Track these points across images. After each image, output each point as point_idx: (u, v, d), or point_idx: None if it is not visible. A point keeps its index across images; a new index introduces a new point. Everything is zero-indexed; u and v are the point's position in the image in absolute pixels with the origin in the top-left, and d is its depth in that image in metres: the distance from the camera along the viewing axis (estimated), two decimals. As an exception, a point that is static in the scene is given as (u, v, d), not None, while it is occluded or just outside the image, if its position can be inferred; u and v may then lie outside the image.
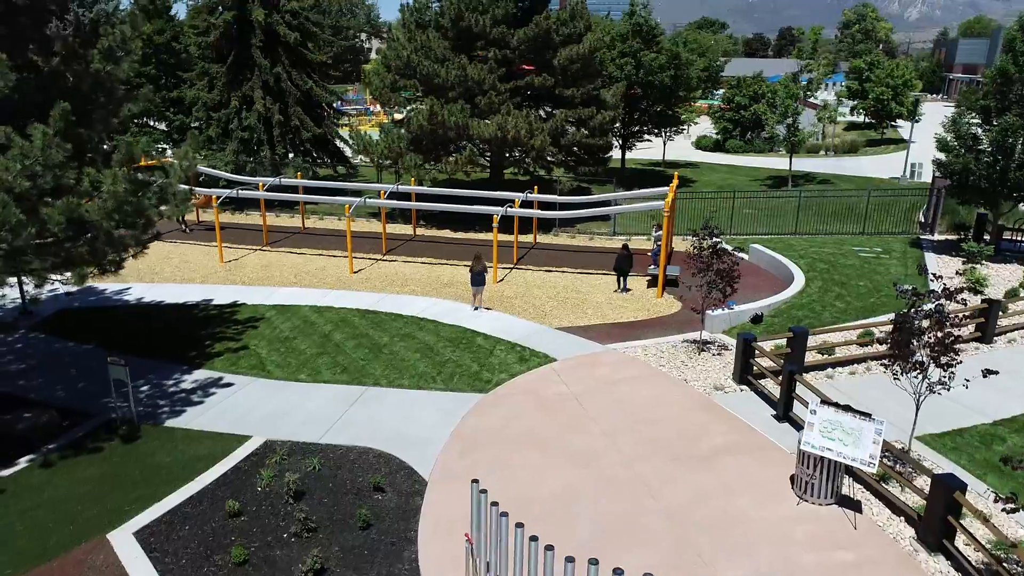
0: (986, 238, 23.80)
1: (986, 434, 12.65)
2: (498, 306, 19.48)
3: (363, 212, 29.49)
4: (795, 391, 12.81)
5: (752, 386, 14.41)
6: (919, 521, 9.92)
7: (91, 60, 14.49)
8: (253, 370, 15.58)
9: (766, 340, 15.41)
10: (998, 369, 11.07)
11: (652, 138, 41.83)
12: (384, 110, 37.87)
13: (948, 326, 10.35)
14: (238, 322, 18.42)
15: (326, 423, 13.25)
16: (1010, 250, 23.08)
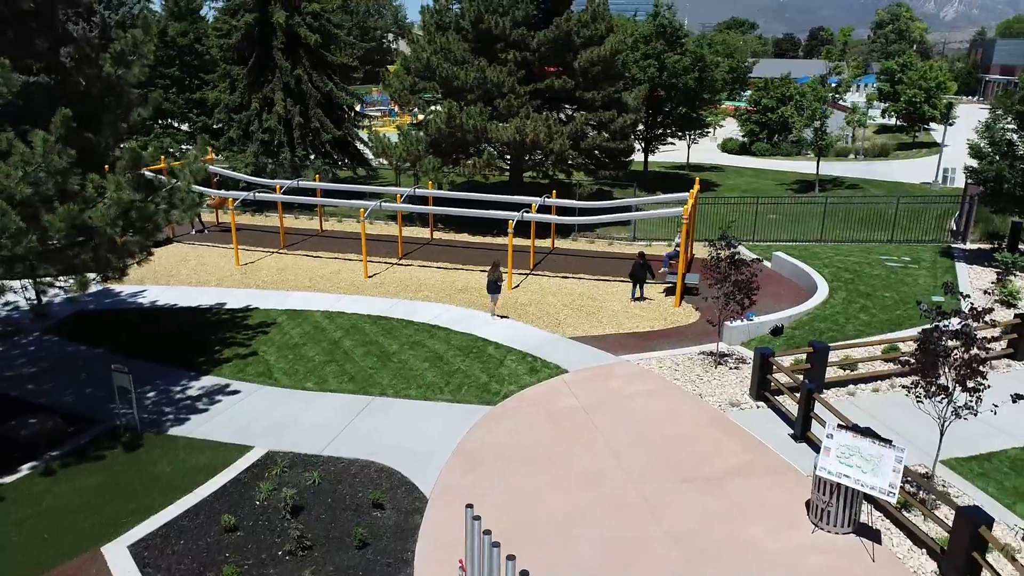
0: (1021, 248, 22.91)
1: (1017, 459, 12.02)
2: (512, 313, 19.16)
3: (381, 215, 29.34)
4: (813, 410, 12.30)
5: (769, 403, 13.90)
6: (942, 555, 9.38)
7: (103, 64, 14.47)
8: (260, 377, 15.43)
9: (785, 354, 14.88)
10: (1030, 392, 10.49)
11: (676, 141, 41.17)
12: (408, 111, 37.81)
13: (975, 347, 9.79)
14: (249, 327, 18.31)
15: (330, 434, 13.02)
16: (1046, 261, 22.19)
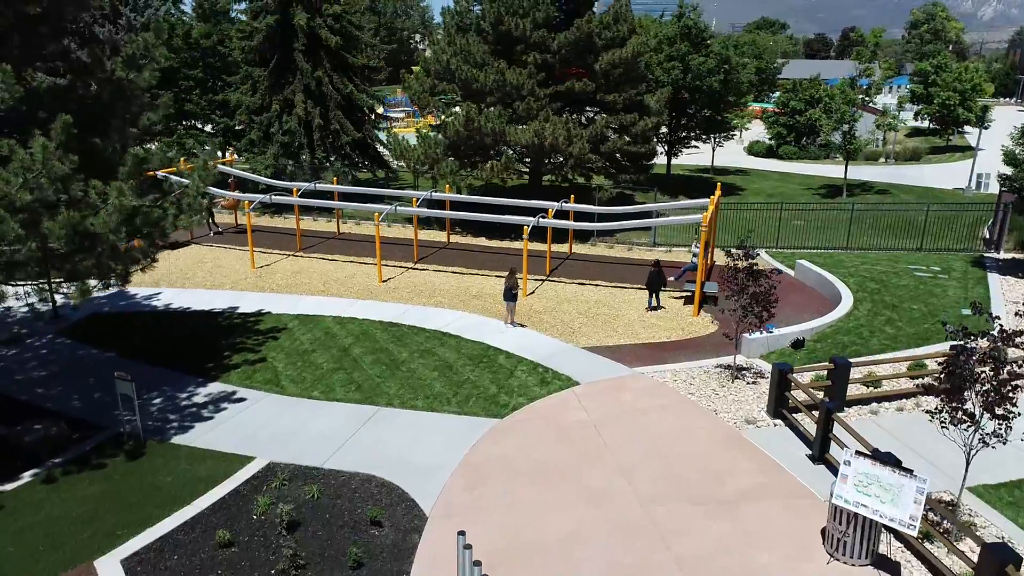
0: (1058, 259, 22.03)
1: (1049, 487, 11.39)
2: (526, 321, 18.79)
3: (399, 218, 29.14)
4: (832, 431, 11.77)
5: (787, 421, 13.38)
6: (965, 591, 8.85)
7: (114, 68, 14.39)
8: (267, 385, 15.25)
9: (805, 370, 14.31)
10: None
11: (699, 144, 40.48)
12: (429, 113, 37.61)
13: (1004, 372, 9.22)
14: (260, 332, 18.18)
15: (332, 446, 12.77)
16: (1085, 272, 21.30)
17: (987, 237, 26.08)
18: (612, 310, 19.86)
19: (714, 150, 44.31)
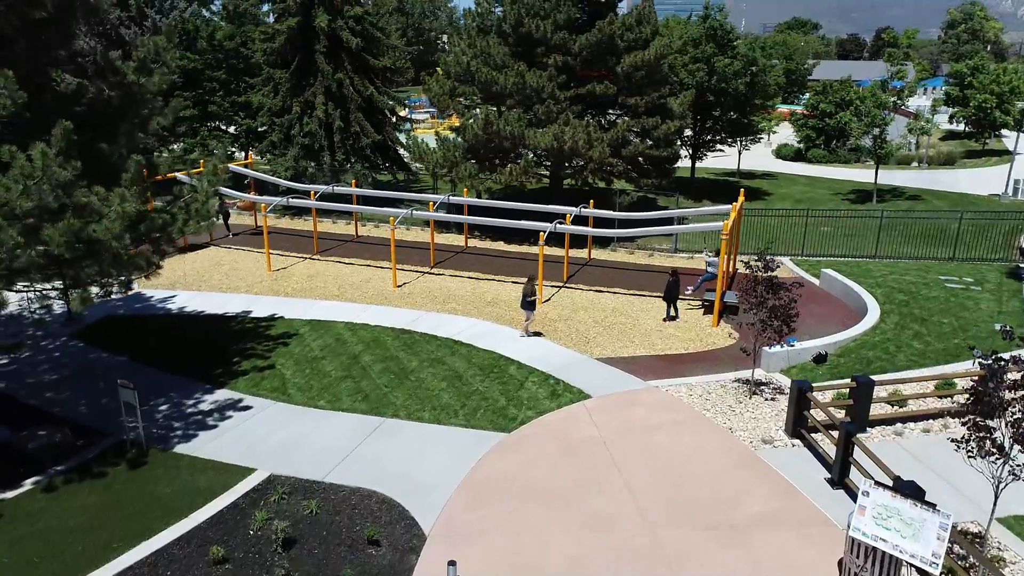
0: (1099, 271, 21.09)
1: (1086, 519, 10.73)
2: (540, 329, 18.40)
3: (418, 221, 28.93)
4: (852, 455, 11.22)
5: (806, 441, 12.83)
6: (992, 634, 8.30)
7: (126, 72, 14.31)
8: (274, 392, 15.07)
9: (826, 387, 13.74)
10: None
11: (725, 148, 39.72)
12: (451, 115, 37.42)
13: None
14: (271, 337, 18.03)
15: (335, 458, 12.52)
16: None
17: None
18: (629, 319, 19.40)
19: (740, 153, 43.48)
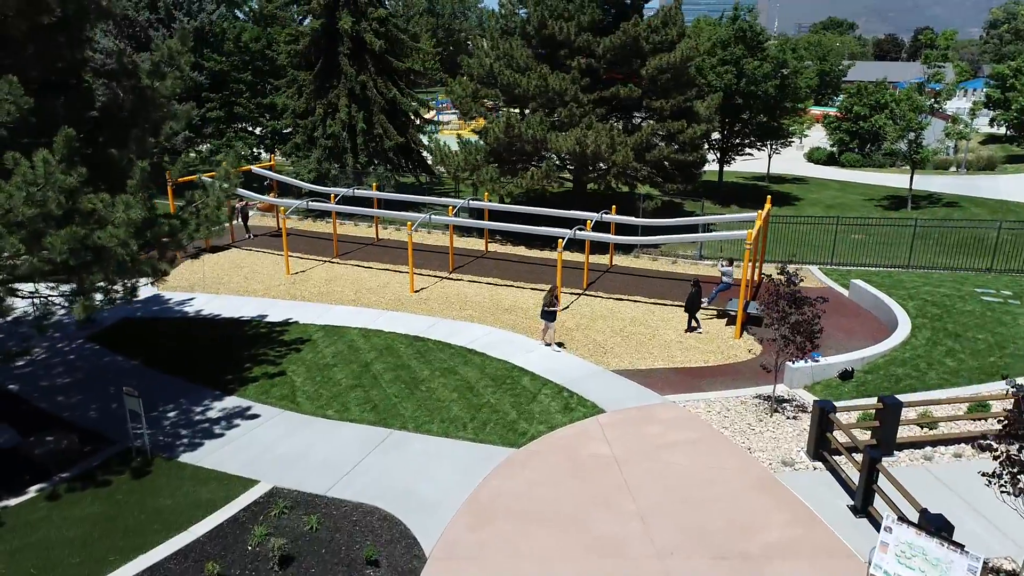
0: None
1: None
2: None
3: (438, 224, 28.69)
4: (876, 482, 10.63)
5: (828, 464, 12.24)
6: None
7: (140, 76, 14.22)
8: (283, 401, 14.88)
9: (851, 408, 13.11)
10: None
11: (753, 151, 38.84)
12: (475, 117, 37.10)
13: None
14: (284, 343, 17.88)
15: (339, 471, 12.26)
16: None
17: (1066, 258, 24.03)
18: (649, 329, 18.89)
19: (770, 157, 42.51)
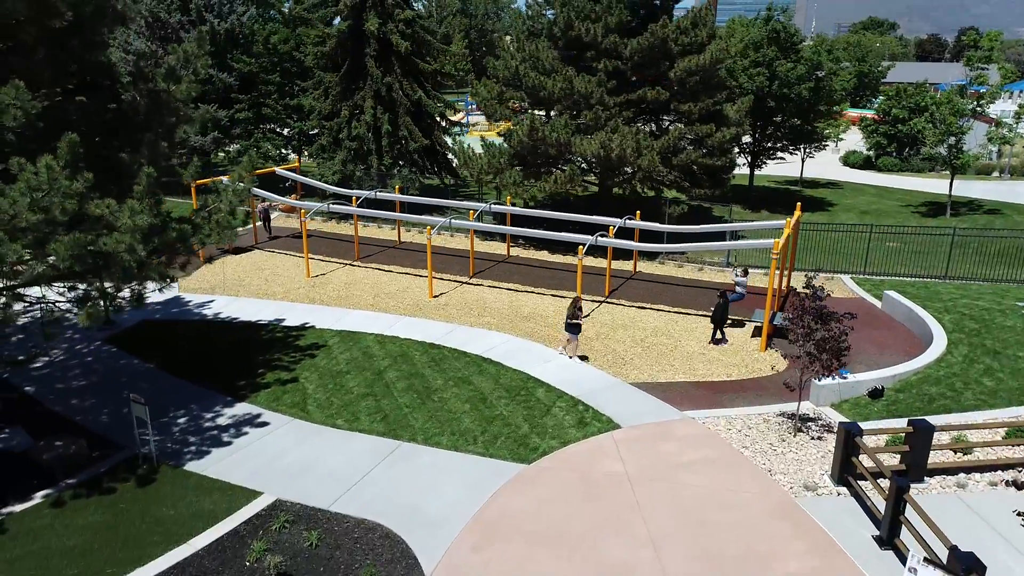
0: None
1: None
2: (566, 345, 17.56)
3: (462, 227, 28.42)
4: (904, 513, 10.01)
5: (853, 489, 11.62)
6: None
7: (156, 79, 14.13)
8: (293, 408, 14.68)
9: (880, 431, 12.46)
10: None
11: (785, 155, 37.89)
12: (499, 120, 36.80)
13: None
14: (299, 348, 17.72)
15: (344, 484, 11.99)
16: None
17: (1116, 270, 22.86)
18: (671, 340, 18.35)
19: (803, 161, 41.46)
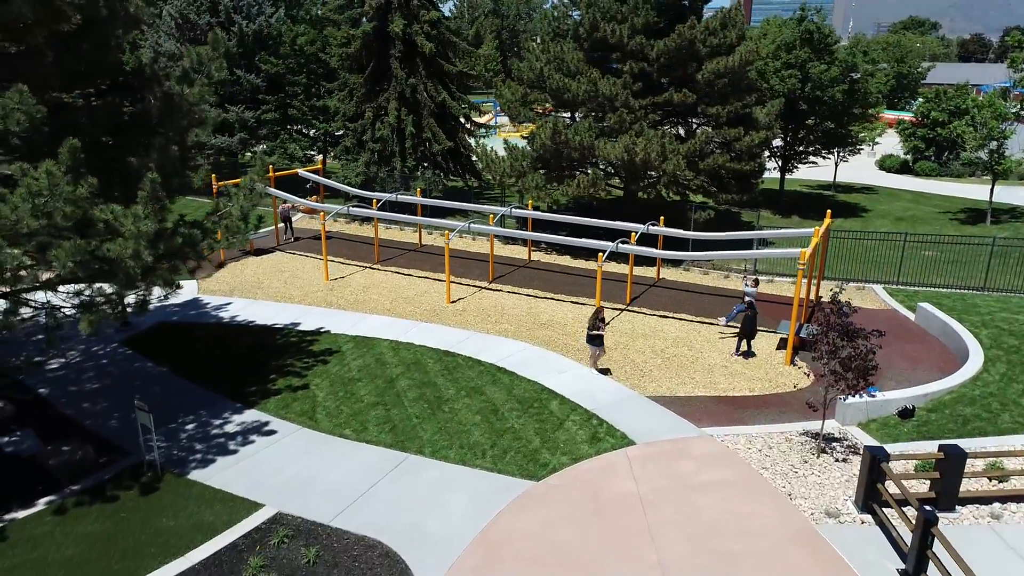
0: None
1: None
2: (588, 359, 17.10)
3: (481, 232, 28.07)
4: (931, 547, 9.40)
5: (878, 518, 11.01)
6: None
7: (170, 82, 14.02)
8: (302, 416, 14.46)
9: (909, 456, 11.83)
10: None
11: (818, 159, 36.88)
12: (520, 122, 36.45)
13: None
14: (312, 354, 17.54)
15: (347, 498, 11.71)
16: None
17: None
18: (692, 351, 17.79)
19: (837, 165, 40.35)
